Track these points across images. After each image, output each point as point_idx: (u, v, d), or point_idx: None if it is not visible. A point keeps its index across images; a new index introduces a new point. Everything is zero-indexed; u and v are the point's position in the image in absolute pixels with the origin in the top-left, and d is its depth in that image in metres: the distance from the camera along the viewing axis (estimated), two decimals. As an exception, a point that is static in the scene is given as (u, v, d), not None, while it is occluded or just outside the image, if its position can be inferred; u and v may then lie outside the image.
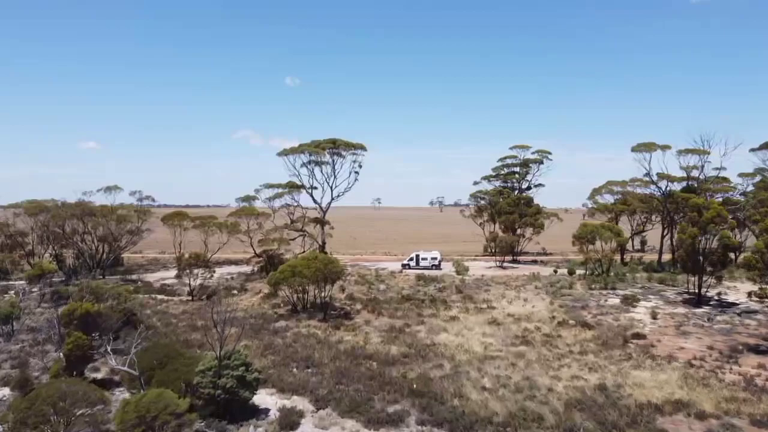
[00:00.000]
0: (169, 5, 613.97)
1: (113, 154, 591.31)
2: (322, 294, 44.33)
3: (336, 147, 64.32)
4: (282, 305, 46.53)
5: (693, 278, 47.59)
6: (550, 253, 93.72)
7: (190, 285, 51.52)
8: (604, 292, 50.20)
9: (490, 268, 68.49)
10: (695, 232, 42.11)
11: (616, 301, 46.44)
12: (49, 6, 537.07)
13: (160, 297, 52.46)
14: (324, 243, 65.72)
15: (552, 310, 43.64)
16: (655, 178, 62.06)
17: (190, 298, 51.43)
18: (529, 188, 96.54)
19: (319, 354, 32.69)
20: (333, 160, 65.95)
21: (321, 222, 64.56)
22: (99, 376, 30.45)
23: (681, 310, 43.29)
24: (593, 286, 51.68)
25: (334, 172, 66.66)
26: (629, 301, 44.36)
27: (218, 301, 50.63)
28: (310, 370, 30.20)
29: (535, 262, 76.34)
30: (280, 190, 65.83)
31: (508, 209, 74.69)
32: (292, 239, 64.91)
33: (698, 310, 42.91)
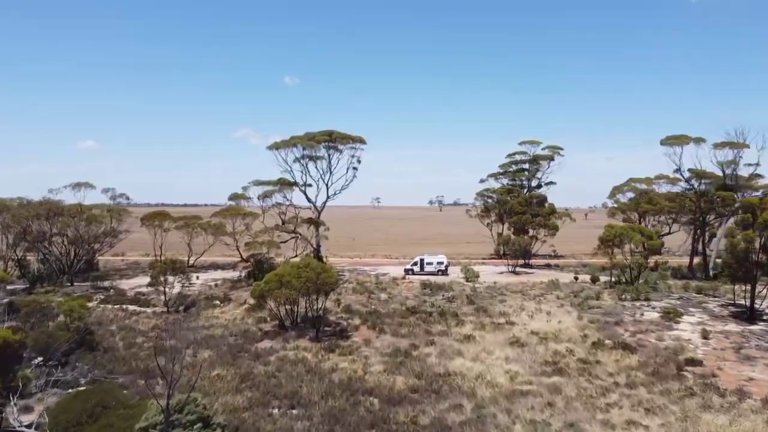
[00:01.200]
0: (169, 5, 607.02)
1: (112, 154, 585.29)
2: (315, 306, 38.19)
3: (332, 140, 58.05)
4: (269, 319, 40.37)
5: (738, 288, 41.65)
6: (561, 256, 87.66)
7: (165, 295, 45.21)
8: (637, 303, 44.03)
9: (502, 273, 62.27)
10: (751, 235, 35.98)
11: (654, 315, 40.29)
12: (49, 6, 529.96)
13: (131, 308, 46.18)
14: (319, 246, 59.51)
15: (582, 327, 37.46)
16: (686, 174, 55.85)
17: (165, 309, 45.17)
18: (539, 186, 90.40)
19: (307, 388, 26.53)
20: (329, 155, 59.72)
21: (315, 223, 58.35)
22: (29, 419, 24.20)
23: (733, 327, 37.13)
24: (624, 296, 45.49)
25: (330, 168, 60.44)
26: (671, 316, 38.23)
27: (197, 313, 44.55)
28: (295, 412, 24.06)
29: (548, 266, 70.19)
30: (271, 188, 59.52)
31: (519, 209, 68.47)
32: (284, 242, 58.65)
33: (754, 327, 36.79)
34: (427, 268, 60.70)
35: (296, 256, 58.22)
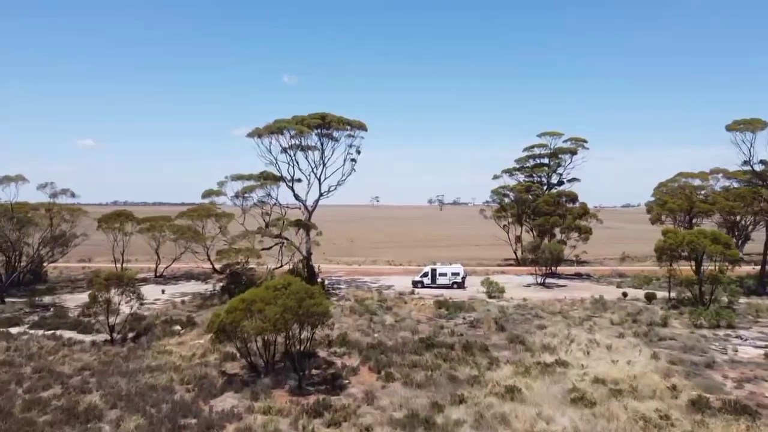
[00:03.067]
0: (169, 5, 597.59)
1: (111, 152, 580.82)
2: (299, 339, 28.06)
3: (326, 125, 47.90)
4: (238, 355, 30.22)
5: None
6: (585, 262, 77.77)
7: (107, 320, 35.06)
8: (720, 333, 34.00)
9: (530, 286, 52.26)
10: None
11: (753, 352, 30.27)
12: (49, 5, 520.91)
13: (68, 335, 36.23)
14: (309, 254, 49.37)
15: (663, 372, 27.40)
16: (758, 167, 45.71)
17: (109, 337, 35.06)
18: (560, 183, 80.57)
19: (274, 500, 16.35)
20: (322, 143, 49.59)
21: (305, 225, 48.23)
22: None
23: None
24: (699, 322, 35.45)
25: (324, 160, 50.30)
26: (780, 355, 28.14)
27: (147, 344, 34.37)
28: None
29: (579, 276, 60.17)
30: (252, 183, 49.39)
31: (546, 209, 58.42)
32: (267, 249, 48.51)
33: None
34: (440, 280, 50.73)
35: (281, 266, 48.13)
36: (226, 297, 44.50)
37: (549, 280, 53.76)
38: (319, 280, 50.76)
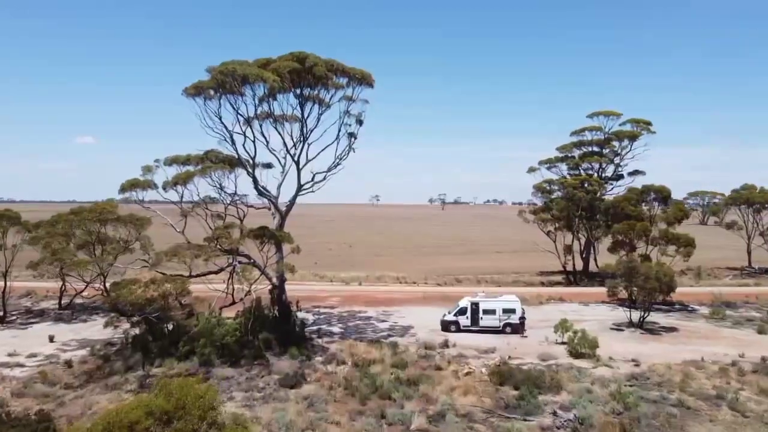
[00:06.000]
0: (169, 4, 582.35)
1: (110, 149, 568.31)
2: None
3: (308, 74, 29.74)
4: None
5: None
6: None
7: None
8: None
9: (622, 329, 34.31)
10: None
11: None
12: (51, 5, 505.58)
13: None
14: (282, 280, 31.30)
15: None
16: None
17: None
18: (619, 177, 62.91)
19: None
20: (302, 106, 31.47)
21: (273, 236, 30.18)
22: None
23: None
24: None
25: (305, 134, 32.02)
26: None
27: None
28: None
29: (671, 305, 41.93)
30: (192, 168, 31.37)
31: (631, 210, 40.43)
32: (214, 272, 30.42)
33: None
34: (485, 321, 32.86)
35: (234, 302, 30.02)
36: (139, 356, 26.69)
37: (649, 320, 35.59)
38: (298, 315, 32.97)
